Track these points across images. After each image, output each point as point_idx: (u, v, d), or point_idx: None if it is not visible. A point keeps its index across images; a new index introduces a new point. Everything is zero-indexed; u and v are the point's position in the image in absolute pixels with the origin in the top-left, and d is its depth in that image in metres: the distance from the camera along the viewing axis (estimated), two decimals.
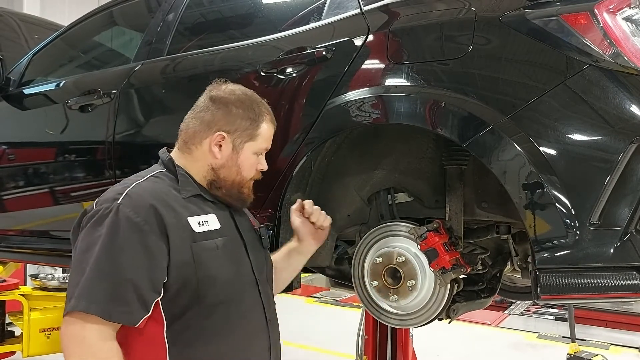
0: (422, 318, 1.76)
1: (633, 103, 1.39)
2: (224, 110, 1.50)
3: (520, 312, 7.19)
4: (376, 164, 1.93)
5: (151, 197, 1.36)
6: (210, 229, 1.43)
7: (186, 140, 1.52)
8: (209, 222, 1.44)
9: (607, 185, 1.38)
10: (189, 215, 1.40)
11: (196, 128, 1.51)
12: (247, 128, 1.51)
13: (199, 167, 1.51)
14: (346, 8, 1.93)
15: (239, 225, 1.54)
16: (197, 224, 1.41)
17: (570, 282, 1.41)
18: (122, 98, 2.40)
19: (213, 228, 1.44)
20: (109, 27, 3.13)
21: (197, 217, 1.42)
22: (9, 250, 3.00)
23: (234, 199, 1.53)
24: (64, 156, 2.70)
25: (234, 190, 1.53)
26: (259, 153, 1.56)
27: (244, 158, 1.52)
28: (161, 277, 1.31)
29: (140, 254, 1.29)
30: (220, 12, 2.63)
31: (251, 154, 1.53)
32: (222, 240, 1.44)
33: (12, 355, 3.65)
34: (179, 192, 1.44)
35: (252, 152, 1.53)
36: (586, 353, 4.49)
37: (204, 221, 1.43)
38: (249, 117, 1.52)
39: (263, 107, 1.56)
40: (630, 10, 1.46)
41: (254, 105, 1.54)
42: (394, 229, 1.78)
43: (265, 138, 1.55)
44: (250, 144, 1.52)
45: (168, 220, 1.34)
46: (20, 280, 4.34)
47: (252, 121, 1.52)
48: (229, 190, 1.52)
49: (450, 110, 1.58)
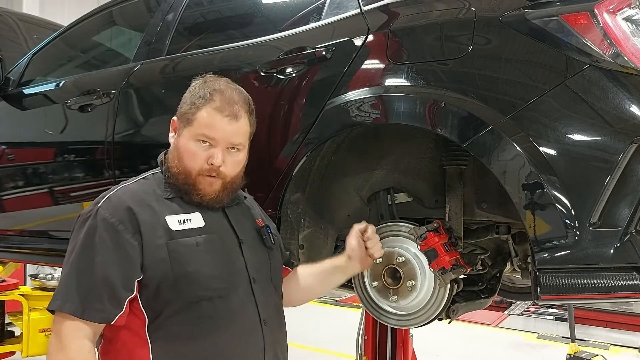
0: (422, 318, 1.76)
1: (633, 103, 1.39)
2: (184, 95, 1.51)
3: (520, 312, 7.20)
4: (376, 164, 1.92)
5: (129, 198, 1.39)
6: (191, 227, 1.42)
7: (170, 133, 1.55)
8: (192, 220, 1.43)
9: (607, 185, 1.38)
10: (168, 214, 1.41)
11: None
12: (187, 112, 1.46)
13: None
14: (346, 8, 1.93)
15: (235, 224, 1.52)
16: (176, 222, 1.41)
17: (570, 283, 1.41)
18: (122, 98, 2.40)
19: (195, 226, 1.43)
20: (108, 27, 3.13)
21: (177, 216, 1.42)
22: (8, 250, 3.00)
23: (184, 190, 1.45)
24: (64, 156, 2.70)
25: (181, 182, 1.45)
26: (199, 139, 1.43)
27: (182, 143, 1.45)
28: (134, 274, 1.33)
29: (113, 253, 1.32)
30: (220, 12, 2.63)
31: (188, 139, 1.44)
32: (205, 237, 1.42)
33: (12, 355, 3.65)
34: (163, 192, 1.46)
35: (189, 137, 1.44)
36: (586, 353, 4.50)
37: (186, 219, 1.42)
38: (192, 100, 1.46)
39: (216, 94, 1.45)
40: (630, 10, 1.46)
41: (204, 89, 1.47)
42: (394, 229, 1.78)
43: (200, 123, 1.43)
44: (188, 128, 1.45)
45: (142, 218, 1.36)
46: (20, 280, 4.34)
47: (192, 105, 1.45)
48: (175, 177, 1.45)
49: (450, 110, 1.58)
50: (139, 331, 1.35)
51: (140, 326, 1.35)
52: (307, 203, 1.93)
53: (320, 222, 1.98)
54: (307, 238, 1.93)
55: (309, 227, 1.95)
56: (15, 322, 3.69)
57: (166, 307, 1.36)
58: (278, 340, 1.53)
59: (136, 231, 1.35)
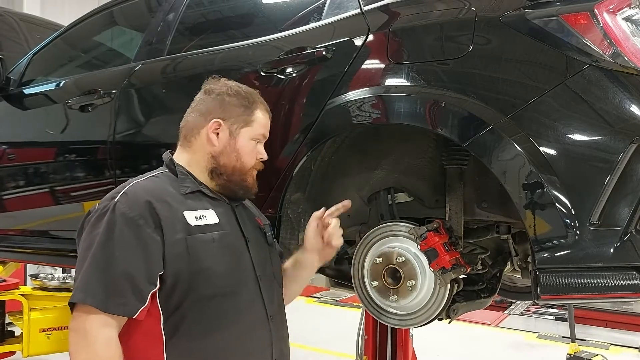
0: (422, 318, 1.76)
1: (633, 103, 1.39)
2: (218, 100, 1.56)
3: (520, 312, 7.19)
4: (376, 164, 1.93)
5: (146, 193, 1.41)
6: (208, 223, 1.45)
7: (186, 135, 1.57)
8: (207, 216, 1.46)
9: (607, 185, 1.38)
10: (185, 210, 1.43)
11: (194, 120, 1.56)
12: (242, 114, 1.55)
13: (199, 158, 1.54)
14: (346, 8, 1.93)
15: (241, 222, 1.55)
16: (193, 217, 1.43)
17: (570, 282, 1.41)
18: (123, 98, 2.40)
19: (211, 222, 1.46)
20: (109, 27, 3.13)
21: (194, 212, 1.44)
22: (9, 250, 3.00)
23: (236, 186, 1.55)
24: (64, 156, 2.70)
25: (236, 178, 1.55)
26: (256, 140, 1.58)
27: (242, 144, 1.55)
28: (157, 269, 1.34)
29: (135, 247, 1.33)
30: (221, 12, 2.63)
31: (248, 139, 1.56)
32: (220, 234, 1.45)
33: (12, 355, 3.65)
34: (178, 189, 1.47)
35: (249, 138, 1.56)
36: (586, 353, 4.50)
37: (202, 215, 1.45)
38: (242, 104, 1.56)
39: (256, 97, 1.60)
40: (630, 10, 1.46)
41: (246, 94, 1.58)
42: (394, 229, 1.78)
43: (261, 124, 1.58)
44: (246, 129, 1.56)
45: (162, 213, 1.38)
46: (20, 280, 4.34)
47: (245, 108, 1.56)
48: (230, 177, 1.54)
49: (450, 110, 1.58)
50: (154, 328, 1.36)
51: (155, 323, 1.36)
52: (307, 203, 1.93)
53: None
54: None
55: None
56: (15, 322, 3.68)
57: (181, 303, 1.37)
58: (283, 336, 1.57)
59: (157, 225, 1.36)
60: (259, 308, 1.49)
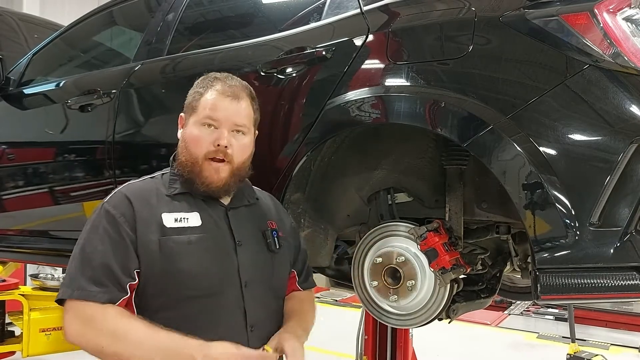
0: (422, 318, 1.76)
1: (633, 103, 1.39)
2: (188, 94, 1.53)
3: (520, 312, 7.19)
4: (376, 164, 1.92)
5: (131, 193, 1.44)
6: (187, 226, 1.43)
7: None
8: (189, 219, 1.44)
9: (607, 185, 1.38)
10: (165, 212, 1.43)
11: None
12: (191, 102, 1.49)
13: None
14: (346, 8, 1.93)
15: (234, 225, 1.49)
16: (172, 219, 1.42)
17: (570, 282, 1.41)
18: (122, 98, 2.40)
19: (191, 225, 1.43)
20: (108, 26, 3.13)
21: (175, 214, 1.43)
22: (9, 250, 3.00)
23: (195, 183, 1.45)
24: (64, 156, 2.70)
25: (189, 171, 1.45)
26: (204, 123, 1.45)
27: (188, 132, 1.48)
28: (131, 264, 1.37)
29: (112, 241, 1.37)
30: (220, 12, 2.63)
31: (193, 126, 1.46)
32: (198, 237, 1.42)
33: (12, 355, 3.65)
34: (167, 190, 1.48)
35: (194, 124, 1.46)
36: (586, 353, 4.50)
37: (183, 218, 1.44)
38: (197, 91, 1.49)
39: (217, 81, 1.49)
40: (630, 10, 1.46)
41: (206, 80, 1.50)
42: (394, 229, 1.78)
43: (204, 105, 1.46)
44: (193, 116, 1.47)
45: (139, 213, 1.40)
46: (20, 280, 4.34)
47: (196, 94, 1.49)
48: (186, 173, 1.46)
49: (450, 110, 1.58)
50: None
51: None
52: (307, 203, 1.93)
53: (320, 222, 1.98)
54: (307, 238, 1.93)
55: (309, 227, 1.95)
56: (15, 322, 3.68)
57: (153, 303, 1.38)
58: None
59: (132, 222, 1.39)
60: (236, 316, 1.42)
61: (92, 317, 1.31)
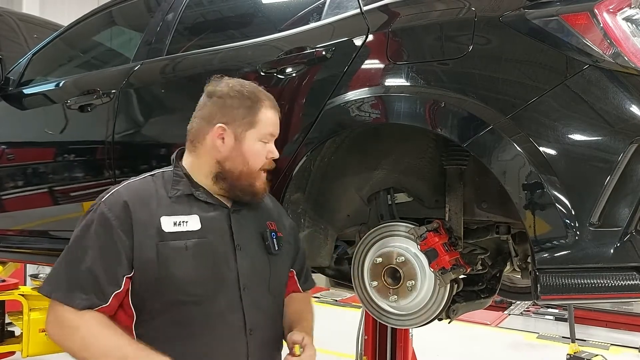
0: (422, 318, 1.76)
1: (633, 103, 1.39)
2: (219, 103, 1.51)
3: (520, 312, 7.19)
4: (376, 164, 1.92)
5: (129, 195, 1.42)
6: (186, 230, 1.42)
7: (192, 140, 1.54)
8: (189, 222, 1.43)
9: (607, 185, 1.38)
10: (164, 215, 1.41)
11: (198, 126, 1.53)
12: (246, 116, 1.50)
13: (202, 162, 1.51)
14: (346, 8, 1.93)
15: (235, 228, 1.49)
16: (172, 223, 1.41)
17: (570, 283, 1.41)
18: (122, 98, 2.39)
19: (190, 229, 1.42)
20: (108, 27, 3.12)
21: (174, 217, 1.42)
22: (8, 250, 3.00)
23: (242, 192, 1.51)
24: (64, 156, 2.70)
25: (243, 182, 1.50)
26: (264, 140, 1.52)
27: (248, 146, 1.50)
28: (122, 271, 1.35)
29: (103, 246, 1.35)
30: (220, 12, 2.63)
31: (255, 141, 1.51)
32: (196, 241, 1.41)
33: (12, 355, 3.65)
34: (169, 192, 1.46)
35: (255, 140, 1.51)
36: (586, 353, 4.50)
37: (182, 221, 1.42)
38: (245, 105, 1.50)
39: (260, 94, 1.54)
40: (630, 10, 1.46)
41: (249, 93, 1.52)
42: (394, 229, 1.78)
43: (266, 123, 1.52)
44: (251, 131, 1.50)
45: (137, 217, 1.38)
46: (20, 280, 4.34)
47: (248, 109, 1.50)
48: (235, 181, 1.49)
49: (450, 110, 1.58)
50: (127, 326, 1.38)
51: (129, 322, 1.38)
52: (307, 203, 1.93)
53: (320, 222, 1.98)
54: (307, 238, 1.93)
55: (309, 227, 1.95)
56: (15, 322, 3.68)
57: (150, 307, 1.38)
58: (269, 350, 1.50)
59: (129, 228, 1.37)
60: (235, 320, 1.42)
61: (67, 321, 1.33)
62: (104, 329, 1.33)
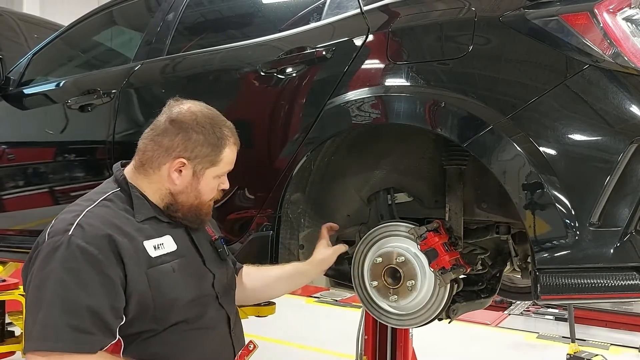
0: (422, 318, 1.76)
1: (633, 103, 1.39)
2: (183, 136, 1.44)
3: (520, 312, 7.18)
4: (376, 164, 1.92)
5: (104, 225, 1.32)
6: (166, 252, 1.41)
7: (143, 162, 1.47)
8: (165, 244, 1.42)
9: (607, 185, 1.38)
10: (144, 240, 1.38)
11: (154, 152, 1.46)
12: (209, 154, 1.46)
13: (155, 189, 1.48)
14: (346, 8, 1.93)
15: (197, 241, 1.53)
16: (152, 247, 1.39)
17: (570, 282, 1.41)
18: (122, 98, 2.40)
19: (169, 250, 1.42)
20: (108, 26, 3.13)
21: (152, 241, 1.40)
22: (9, 250, 3.00)
23: (191, 221, 1.52)
24: (64, 156, 2.70)
25: (192, 214, 1.50)
26: (222, 176, 1.54)
27: (205, 183, 1.49)
28: (121, 304, 1.30)
29: (98, 283, 1.26)
30: (220, 12, 2.63)
31: (211, 179, 1.50)
32: (179, 262, 1.42)
33: (12, 355, 3.65)
34: (133, 216, 1.41)
35: (212, 177, 1.50)
36: (586, 353, 4.49)
37: (160, 244, 1.41)
38: (210, 142, 1.46)
39: (226, 130, 1.50)
40: (630, 10, 1.46)
41: (215, 130, 1.47)
42: (394, 229, 1.78)
43: (227, 162, 1.51)
44: (212, 169, 1.48)
45: (123, 246, 1.31)
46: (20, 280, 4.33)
47: (213, 147, 1.46)
48: (185, 213, 1.49)
49: (450, 110, 1.58)
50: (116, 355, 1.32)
51: (117, 350, 1.33)
52: (307, 203, 1.93)
53: (320, 222, 1.97)
54: (307, 238, 1.93)
55: (309, 227, 1.95)
56: (15, 322, 3.68)
57: (144, 332, 1.36)
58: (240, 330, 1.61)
59: (119, 260, 1.30)
60: (223, 325, 1.52)
61: None
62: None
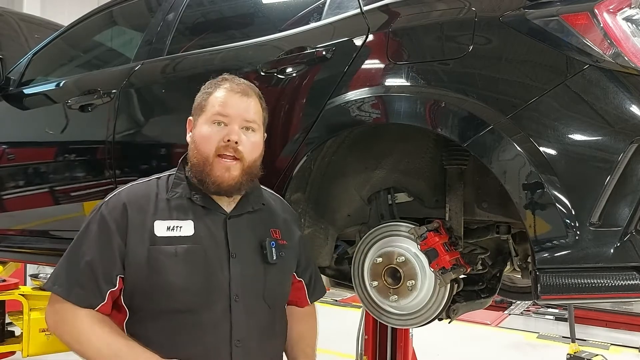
0: (422, 318, 1.76)
1: (633, 103, 1.39)
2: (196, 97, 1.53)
3: (520, 312, 7.19)
4: (376, 164, 1.92)
5: (129, 197, 1.43)
6: (178, 235, 1.39)
7: None
8: (183, 228, 1.40)
9: (607, 185, 1.38)
10: (158, 219, 1.40)
11: None
12: (200, 102, 1.48)
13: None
14: (346, 8, 1.93)
15: (231, 235, 1.44)
16: (165, 228, 1.39)
17: (570, 282, 1.41)
18: (122, 98, 2.40)
19: (182, 234, 1.39)
20: (109, 26, 3.13)
21: (168, 222, 1.40)
22: (9, 250, 3.00)
23: (203, 183, 1.42)
24: (64, 156, 2.70)
25: (200, 171, 1.42)
26: (214, 121, 1.42)
27: (197, 132, 1.45)
28: (114, 270, 1.38)
29: (99, 245, 1.38)
30: (221, 12, 2.63)
31: (202, 125, 1.44)
32: (188, 247, 1.38)
33: (12, 355, 3.65)
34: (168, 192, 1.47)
35: (203, 123, 1.44)
36: (586, 353, 4.49)
37: (176, 226, 1.40)
38: (205, 91, 1.49)
39: (224, 80, 1.48)
40: (630, 10, 1.46)
41: (214, 81, 1.50)
42: (394, 229, 1.78)
43: (213, 103, 1.44)
44: (202, 116, 1.45)
45: (132, 220, 1.39)
46: (20, 280, 4.33)
47: (204, 94, 1.48)
48: (196, 173, 1.43)
49: (451, 110, 1.58)
50: (120, 325, 1.41)
51: (121, 320, 1.41)
52: (307, 203, 1.93)
53: (320, 222, 1.98)
54: (308, 238, 1.93)
55: (309, 227, 1.95)
56: (15, 322, 3.68)
57: (140, 309, 1.39)
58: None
59: (124, 231, 1.39)
60: (222, 331, 1.38)
61: (64, 315, 1.36)
62: (98, 325, 1.34)
